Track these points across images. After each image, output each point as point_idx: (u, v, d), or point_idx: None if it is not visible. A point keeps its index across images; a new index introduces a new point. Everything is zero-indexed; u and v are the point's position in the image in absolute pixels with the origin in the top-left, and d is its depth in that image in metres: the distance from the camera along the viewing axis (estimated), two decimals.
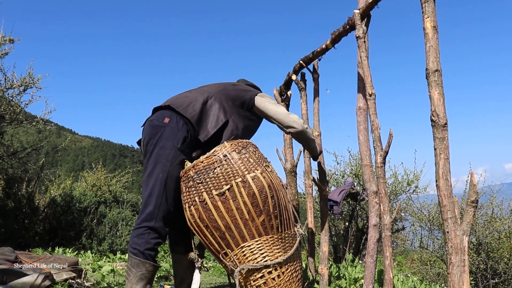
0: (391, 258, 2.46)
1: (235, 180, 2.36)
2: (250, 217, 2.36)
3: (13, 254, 3.50)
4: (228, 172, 2.38)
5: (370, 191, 2.63)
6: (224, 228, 2.38)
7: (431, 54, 2.08)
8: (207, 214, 2.39)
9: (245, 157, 2.44)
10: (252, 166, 2.43)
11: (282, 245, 2.46)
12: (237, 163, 2.40)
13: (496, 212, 7.42)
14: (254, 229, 2.38)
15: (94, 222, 8.33)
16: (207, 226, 2.41)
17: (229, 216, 2.36)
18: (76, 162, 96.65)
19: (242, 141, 2.54)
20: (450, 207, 1.97)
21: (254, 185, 2.37)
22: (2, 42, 6.80)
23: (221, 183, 2.37)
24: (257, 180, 2.38)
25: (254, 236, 2.39)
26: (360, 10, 2.73)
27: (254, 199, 2.36)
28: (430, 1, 2.12)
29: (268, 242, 2.41)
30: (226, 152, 2.43)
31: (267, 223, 2.40)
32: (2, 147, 7.28)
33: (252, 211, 2.36)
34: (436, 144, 2.02)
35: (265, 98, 2.88)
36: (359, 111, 2.84)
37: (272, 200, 2.41)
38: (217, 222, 2.38)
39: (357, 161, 8.69)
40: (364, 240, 8.13)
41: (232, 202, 2.36)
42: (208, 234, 2.43)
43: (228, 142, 2.48)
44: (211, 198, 2.37)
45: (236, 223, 2.37)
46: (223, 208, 2.36)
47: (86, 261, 5.25)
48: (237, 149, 2.45)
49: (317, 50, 3.31)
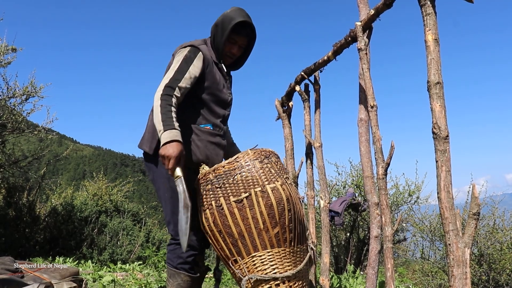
0: (392, 270, 2.45)
1: (255, 189, 2.34)
2: (264, 228, 2.34)
3: (13, 263, 3.49)
4: (248, 180, 2.36)
5: (372, 203, 2.63)
6: (237, 236, 2.36)
7: (433, 67, 2.09)
8: (222, 219, 2.37)
9: (267, 167, 2.43)
10: (273, 177, 2.41)
11: (293, 259, 2.44)
12: (258, 172, 2.38)
13: (498, 223, 7.39)
14: (267, 240, 2.36)
15: (95, 232, 8.32)
16: (220, 231, 2.39)
17: (244, 224, 2.35)
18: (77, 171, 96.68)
19: (266, 150, 2.52)
20: (452, 219, 1.96)
21: (273, 196, 2.35)
22: (5, 51, 6.85)
23: (239, 190, 2.35)
24: (276, 191, 2.36)
25: (266, 247, 2.37)
26: (362, 22, 2.75)
27: (271, 210, 2.34)
28: (431, 14, 2.14)
29: (279, 255, 2.39)
30: (248, 159, 2.41)
31: (281, 236, 2.38)
32: (3, 156, 7.30)
33: (268, 222, 2.34)
34: (438, 157, 2.02)
35: (174, 58, 2.54)
36: (360, 123, 2.84)
37: (289, 213, 2.39)
38: (231, 228, 2.36)
39: (358, 172, 8.70)
40: (365, 251, 8.11)
41: (249, 210, 2.33)
42: (221, 239, 2.41)
43: (252, 150, 2.47)
44: (228, 204, 2.35)
45: (250, 232, 2.35)
46: (239, 215, 2.34)
47: (86, 271, 5.24)
48: (259, 158, 2.43)
49: (319, 62, 3.32)
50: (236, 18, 2.57)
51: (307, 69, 3.50)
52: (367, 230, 8.25)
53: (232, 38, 2.63)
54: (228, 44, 2.65)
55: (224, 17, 2.61)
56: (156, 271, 5.94)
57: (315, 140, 3.51)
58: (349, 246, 8.19)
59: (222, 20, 2.60)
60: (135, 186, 11.77)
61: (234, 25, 2.57)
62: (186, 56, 2.48)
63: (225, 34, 2.57)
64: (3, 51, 6.78)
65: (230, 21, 2.57)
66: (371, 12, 2.64)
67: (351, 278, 5.28)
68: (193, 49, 2.53)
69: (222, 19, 2.61)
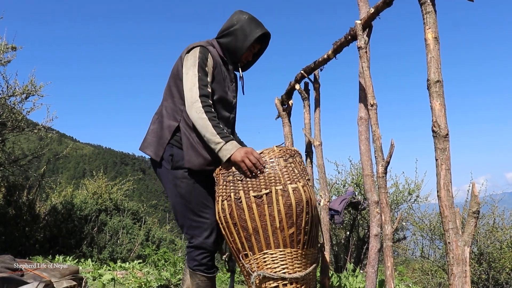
0: (392, 269, 2.45)
1: (276, 186, 2.34)
2: (280, 227, 2.34)
3: (13, 262, 3.49)
4: (270, 176, 2.36)
5: (371, 201, 2.63)
6: (252, 231, 2.36)
7: (433, 65, 2.09)
8: (238, 213, 2.37)
9: (291, 166, 2.42)
10: (296, 177, 2.40)
11: (304, 261, 2.43)
12: (281, 170, 2.38)
13: (498, 222, 7.39)
14: (281, 239, 2.36)
15: (95, 230, 8.32)
16: (235, 224, 2.39)
17: (260, 220, 2.34)
18: (77, 169, 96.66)
19: (291, 149, 2.52)
20: (452, 217, 1.97)
21: (293, 196, 2.34)
22: (5, 50, 6.84)
23: (260, 186, 2.35)
24: (297, 192, 2.36)
25: (279, 246, 2.37)
26: (361, 20, 2.75)
27: (290, 210, 2.34)
28: (431, 12, 2.14)
29: (291, 255, 2.38)
30: (273, 156, 2.41)
31: (295, 237, 2.38)
32: (3, 155, 7.30)
33: (284, 221, 2.33)
34: (438, 155, 2.02)
35: (187, 62, 2.54)
36: (360, 121, 2.84)
37: (306, 216, 2.39)
38: (247, 223, 2.36)
39: (358, 170, 8.69)
40: (365, 249, 8.11)
41: (267, 207, 2.33)
42: (234, 232, 2.41)
43: (278, 147, 2.46)
44: (247, 198, 2.35)
45: (265, 228, 2.35)
46: (257, 211, 2.34)
47: (86, 270, 5.24)
48: (284, 156, 2.43)
49: (319, 60, 3.32)
50: (260, 29, 2.64)
51: (307, 67, 3.49)
52: (367, 228, 8.25)
53: (252, 46, 2.71)
54: (248, 51, 2.71)
55: (245, 25, 2.63)
56: (156, 269, 5.94)
57: (315, 139, 3.51)
58: (349, 244, 8.20)
59: (243, 27, 2.62)
60: (135, 184, 11.77)
61: (259, 36, 2.64)
62: (199, 58, 2.50)
63: (248, 41, 2.61)
64: (3, 49, 6.77)
65: (254, 30, 2.62)
66: (371, 10, 2.64)
67: (351, 276, 5.28)
68: (203, 49, 2.55)
69: (242, 26, 2.62)
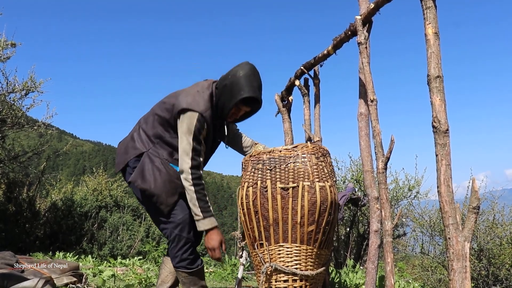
0: (392, 264, 2.45)
1: (304, 182, 2.35)
2: (301, 222, 2.35)
3: (13, 258, 3.50)
4: (300, 171, 2.36)
5: (371, 197, 2.62)
6: (272, 221, 2.37)
7: (433, 60, 2.08)
8: (262, 201, 2.38)
9: (321, 165, 2.43)
10: (324, 176, 2.41)
11: (317, 261, 2.44)
12: (312, 167, 2.39)
13: (498, 218, 7.39)
14: (300, 235, 2.37)
15: (95, 227, 8.33)
16: (257, 212, 2.40)
17: (282, 213, 2.35)
18: (77, 166, 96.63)
19: (324, 148, 2.53)
20: (452, 213, 1.96)
21: (319, 195, 2.35)
22: (4, 46, 6.82)
23: (288, 179, 2.35)
24: (324, 191, 2.37)
25: (296, 241, 2.38)
26: (361, 16, 2.74)
27: (313, 207, 2.35)
28: (431, 7, 2.13)
29: (306, 253, 2.39)
30: (306, 151, 2.42)
31: (313, 235, 2.39)
32: (3, 151, 7.30)
33: (306, 217, 2.34)
34: (438, 150, 2.02)
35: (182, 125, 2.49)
36: (360, 117, 2.84)
37: (328, 216, 2.40)
38: (269, 212, 2.37)
39: (358, 167, 8.68)
40: (365, 245, 8.11)
41: (292, 201, 2.34)
42: (254, 219, 2.42)
43: (312, 144, 2.47)
44: (273, 188, 2.36)
45: (286, 222, 2.36)
46: (280, 202, 2.35)
47: (86, 266, 5.24)
48: (317, 154, 2.44)
49: (319, 56, 3.31)
50: (245, 91, 2.47)
51: (307, 63, 3.49)
52: (367, 225, 8.25)
53: (238, 106, 2.57)
54: (234, 109, 2.58)
55: (235, 82, 2.49)
56: (156, 266, 5.95)
57: (314, 135, 3.51)
58: (349, 240, 8.20)
59: (231, 84, 2.49)
60: None
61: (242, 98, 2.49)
62: (196, 127, 2.43)
63: (232, 102, 2.49)
64: (2, 46, 6.76)
65: (239, 91, 2.46)
66: (371, 6, 2.64)
67: (351, 272, 5.29)
68: (201, 119, 2.46)
69: (232, 83, 2.49)
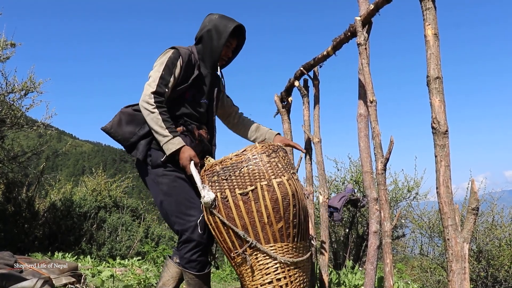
0: (391, 265, 2.46)
1: (261, 182, 2.35)
2: (269, 222, 2.35)
3: (12, 258, 3.49)
4: (255, 173, 2.37)
5: (371, 198, 2.63)
6: (241, 228, 2.37)
7: (432, 61, 2.08)
8: (226, 212, 2.38)
9: (274, 162, 2.43)
10: (280, 172, 2.41)
11: (295, 254, 2.44)
12: (265, 166, 2.38)
13: (497, 220, 7.40)
14: (271, 234, 2.36)
15: (94, 227, 8.33)
16: (224, 223, 2.40)
17: (248, 217, 2.35)
18: (76, 166, 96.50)
19: (274, 144, 2.53)
20: (451, 214, 1.96)
21: (279, 191, 2.35)
22: (4, 46, 6.83)
23: (245, 183, 2.36)
24: (282, 186, 2.37)
25: (269, 241, 2.37)
26: (361, 17, 2.74)
27: (276, 205, 2.35)
28: (431, 8, 2.13)
29: (282, 249, 2.39)
30: (256, 153, 2.42)
31: (284, 231, 2.38)
32: (2, 152, 7.29)
33: (272, 216, 2.34)
34: (437, 151, 2.02)
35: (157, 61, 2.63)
36: (360, 118, 2.84)
37: (293, 209, 2.40)
38: (235, 221, 2.36)
39: (358, 168, 8.70)
40: (364, 246, 8.12)
41: (254, 204, 2.34)
42: (224, 231, 2.42)
43: (260, 144, 2.48)
44: (233, 196, 2.36)
45: (254, 225, 2.36)
46: (244, 208, 2.35)
47: (85, 266, 5.24)
48: (267, 151, 2.44)
49: (318, 57, 3.31)
50: (232, 23, 2.69)
51: (306, 64, 3.49)
52: (366, 226, 8.26)
53: (229, 41, 2.75)
54: (225, 47, 2.75)
55: (217, 23, 2.69)
56: (155, 266, 5.94)
57: (314, 136, 3.51)
58: (348, 242, 8.20)
59: (216, 25, 2.69)
60: (134, 182, 11.76)
61: (232, 30, 2.68)
62: (169, 58, 2.57)
63: (224, 38, 2.67)
64: (2, 46, 6.76)
65: (225, 26, 2.68)
66: (371, 7, 2.64)
67: (350, 273, 5.30)
68: (176, 52, 2.61)
69: (215, 25, 2.69)
